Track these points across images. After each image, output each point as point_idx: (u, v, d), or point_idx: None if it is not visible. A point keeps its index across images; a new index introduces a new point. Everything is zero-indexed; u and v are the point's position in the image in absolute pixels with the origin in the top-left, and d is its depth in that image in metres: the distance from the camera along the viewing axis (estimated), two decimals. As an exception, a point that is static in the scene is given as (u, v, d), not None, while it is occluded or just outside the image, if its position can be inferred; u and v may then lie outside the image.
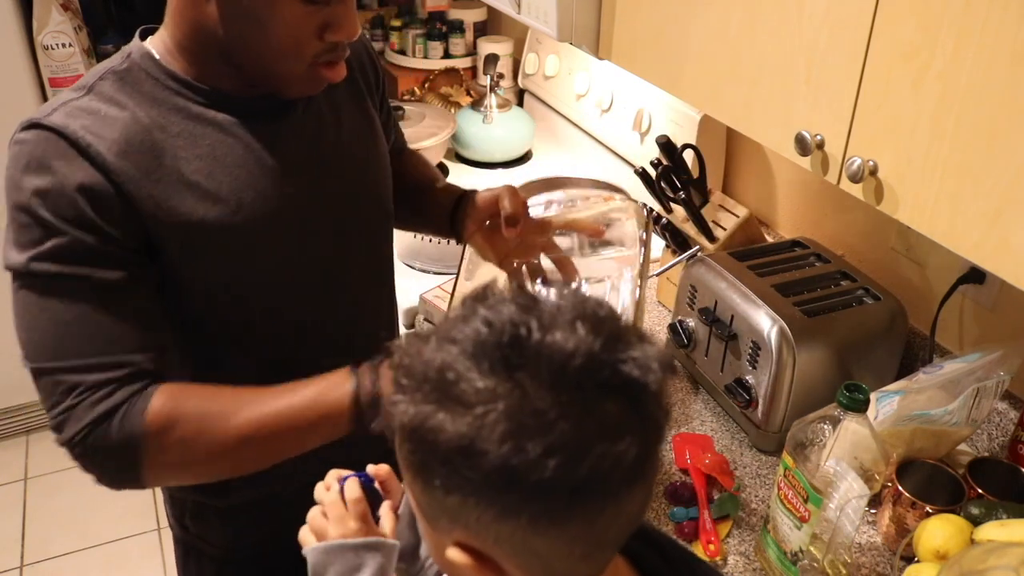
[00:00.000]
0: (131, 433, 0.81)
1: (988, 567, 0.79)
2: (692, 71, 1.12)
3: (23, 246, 0.80)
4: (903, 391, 1.11)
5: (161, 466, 0.83)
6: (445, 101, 2.39)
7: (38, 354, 0.83)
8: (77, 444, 0.81)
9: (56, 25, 2.22)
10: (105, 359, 0.82)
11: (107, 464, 0.83)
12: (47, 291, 0.81)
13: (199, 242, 0.87)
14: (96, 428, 0.80)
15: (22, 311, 0.83)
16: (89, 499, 2.45)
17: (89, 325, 0.82)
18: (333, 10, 0.83)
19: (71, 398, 0.81)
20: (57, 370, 0.82)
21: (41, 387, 0.83)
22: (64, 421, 0.81)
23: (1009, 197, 0.73)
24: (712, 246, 1.39)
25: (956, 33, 0.75)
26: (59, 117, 0.83)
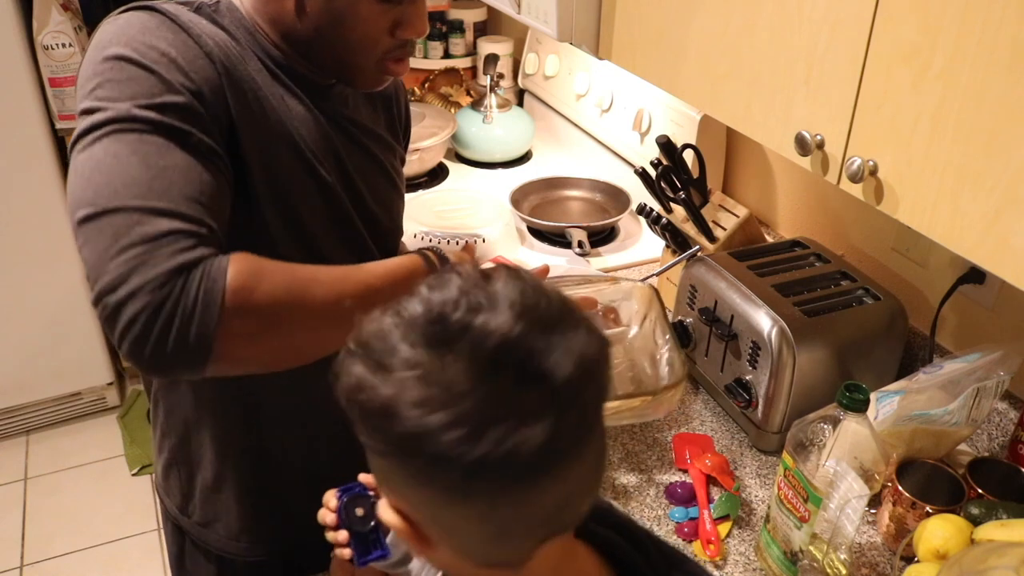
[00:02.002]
0: (213, 288, 0.72)
1: (988, 567, 0.79)
2: (692, 71, 1.12)
3: (125, 97, 0.77)
4: (903, 391, 1.11)
5: (239, 331, 0.74)
6: (445, 101, 2.39)
7: (111, 195, 0.72)
8: (149, 293, 0.70)
9: (56, 25, 2.22)
10: (193, 211, 0.75)
11: (178, 327, 0.71)
12: (145, 137, 0.75)
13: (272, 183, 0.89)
14: (175, 278, 0.71)
15: (102, 158, 0.74)
16: (89, 499, 2.45)
17: (184, 174, 0.76)
18: (405, 9, 0.89)
19: (148, 243, 0.71)
20: (136, 209, 0.72)
21: (102, 231, 0.72)
22: (134, 269, 0.70)
23: (1009, 197, 0.73)
24: (712, 246, 1.39)
25: (956, 33, 0.75)
26: (180, 13, 0.84)
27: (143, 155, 0.74)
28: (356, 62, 0.92)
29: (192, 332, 0.70)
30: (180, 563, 1.17)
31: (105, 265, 0.71)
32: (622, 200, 1.87)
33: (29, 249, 2.39)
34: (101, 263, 0.71)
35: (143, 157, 0.74)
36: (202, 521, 1.09)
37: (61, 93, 2.29)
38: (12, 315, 2.46)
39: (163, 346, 0.70)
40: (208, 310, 0.71)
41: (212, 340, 0.71)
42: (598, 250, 1.78)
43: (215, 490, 1.07)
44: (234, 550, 1.09)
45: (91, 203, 0.73)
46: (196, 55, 0.82)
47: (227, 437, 1.04)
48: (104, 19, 0.85)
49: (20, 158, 2.28)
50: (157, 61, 0.78)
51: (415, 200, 1.86)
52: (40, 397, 2.63)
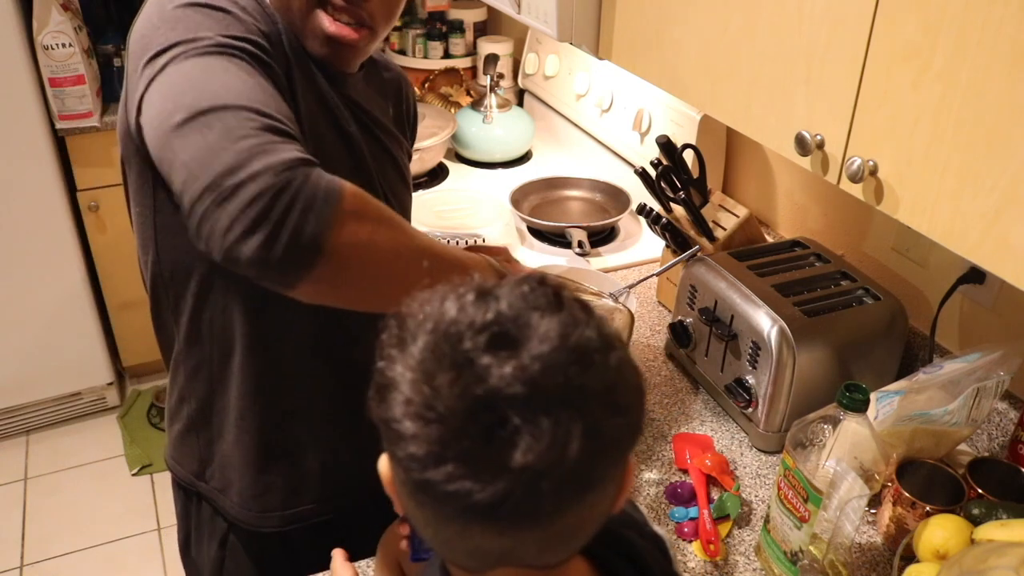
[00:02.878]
0: (333, 186, 0.71)
1: (988, 567, 0.79)
2: (692, 71, 1.12)
3: (207, 29, 0.77)
4: (903, 391, 1.11)
5: (354, 233, 0.73)
6: (445, 101, 2.39)
7: (213, 97, 0.72)
8: (275, 175, 0.68)
9: (56, 25, 2.22)
10: (290, 126, 0.75)
11: (300, 212, 0.69)
12: (234, 59, 0.76)
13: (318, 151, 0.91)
14: (299, 167, 0.70)
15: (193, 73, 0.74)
16: (89, 499, 2.45)
17: (274, 96, 0.76)
18: None
19: (266, 134, 0.71)
20: (245, 108, 0.72)
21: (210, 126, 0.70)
22: (256, 154, 0.69)
23: (1009, 197, 0.73)
24: (712, 246, 1.39)
25: (956, 33, 0.75)
26: None
27: (233, 71, 0.75)
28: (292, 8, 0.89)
29: (311, 222, 0.69)
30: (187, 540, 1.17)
31: (218, 155, 0.68)
32: (622, 200, 1.87)
33: (29, 249, 2.39)
34: (213, 153, 0.69)
35: (237, 72, 0.74)
36: (220, 486, 1.10)
37: (61, 93, 2.29)
38: (12, 315, 2.46)
39: (279, 232, 0.68)
40: (329, 202, 0.70)
41: (328, 235, 0.70)
42: (598, 250, 1.78)
43: (234, 450, 1.08)
44: (245, 518, 1.10)
45: (190, 106, 0.71)
46: (259, 11, 0.85)
47: (255, 395, 1.04)
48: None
49: (20, 158, 2.28)
50: (234, 10, 0.80)
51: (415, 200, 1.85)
52: (40, 397, 2.63)
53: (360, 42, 0.93)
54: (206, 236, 0.70)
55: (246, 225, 0.68)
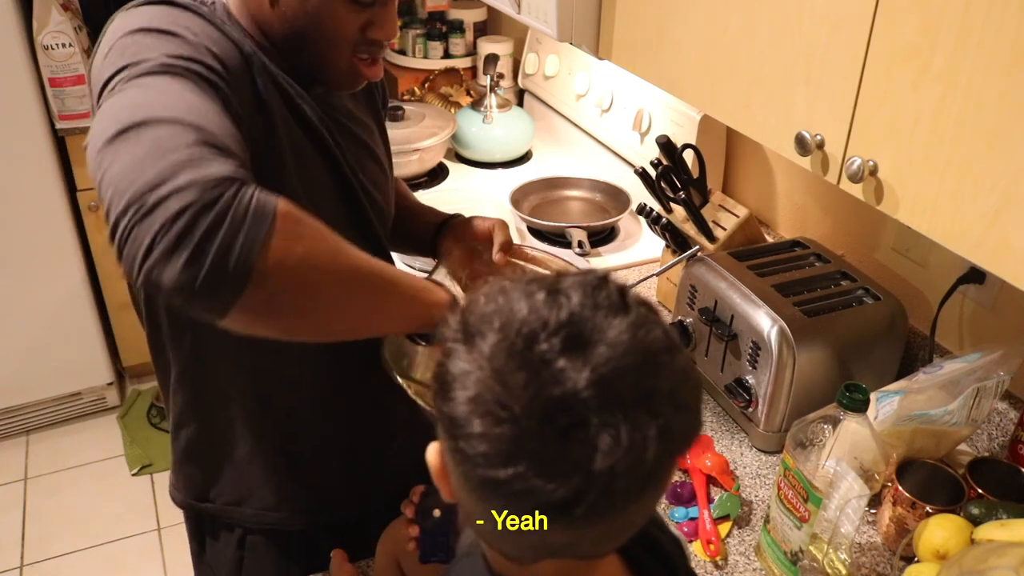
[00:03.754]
0: (266, 204, 0.66)
1: (988, 567, 0.79)
2: (692, 71, 1.12)
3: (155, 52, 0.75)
4: (903, 391, 1.11)
5: (284, 256, 0.67)
6: (445, 101, 2.39)
7: (152, 111, 0.68)
8: (200, 192, 0.63)
9: (56, 25, 2.22)
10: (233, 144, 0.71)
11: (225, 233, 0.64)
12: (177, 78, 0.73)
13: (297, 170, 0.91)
14: (228, 184, 0.65)
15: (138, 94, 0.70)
16: (89, 499, 2.45)
17: (218, 115, 0.73)
18: (376, 11, 0.92)
19: (198, 148, 0.66)
20: (180, 122, 0.67)
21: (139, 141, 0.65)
22: (183, 167, 0.64)
23: (1009, 197, 0.73)
24: (712, 246, 1.39)
25: (956, 33, 0.75)
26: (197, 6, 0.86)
27: (178, 90, 0.72)
28: (329, 60, 0.94)
29: (239, 243, 0.64)
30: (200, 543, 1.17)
31: (143, 169, 0.63)
32: (622, 200, 1.87)
33: (29, 249, 2.39)
34: (137, 168, 0.63)
35: (178, 91, 0.71)
36: (232, 500, 1.10)
37: (61, 93, 2.29)
38: (12, 315, 2.45)
39: (203, 252, 0.62)
40: (259, 223, 0.65)
41: (257, 257, 0.64)
42: (598, 250, 1.78)
43: (248, 464, 1.08)
44: (271, 521, 1.10)
45: (124, 121, 0.67)
46: (220, 38, 0.84)
47: (262, 408, 1.05)
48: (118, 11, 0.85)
49: (20, 158, 2.28)
50: (186, 33, 0.80)
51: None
52: (40, 397, 2.63)
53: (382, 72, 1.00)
54: (128, 258, 0.64)
55: (167, 245, 0.62)
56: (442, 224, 1.18)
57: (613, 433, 0.48)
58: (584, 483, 0.48)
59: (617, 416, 0.48)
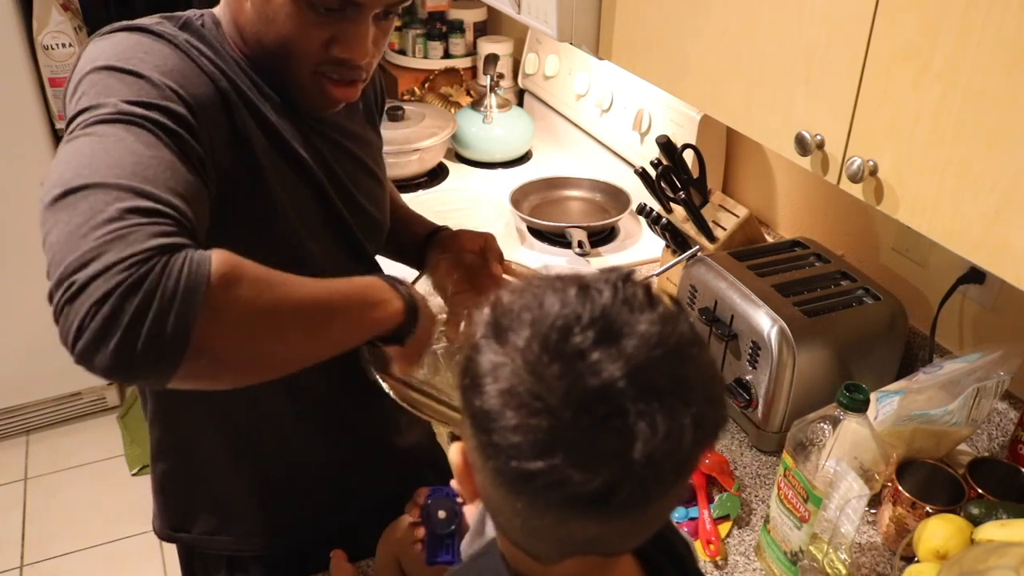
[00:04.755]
0: (198, 272, 0.64)
1: (988, 567, 0.79)
2: (692, 71, 1.12)
3: (114, 95, 0.74)
4: (903, 391, 1.11)
5: (220, 326, 0.66)
6: (445, 101, 2.39)
7: (90, 174, 0.66)
8: (126, 270, 0.62)
9: (56, 25, 2.22)
10: (177, 202, 0.69)
11: (156, 311, 0.62)
12: (132, 128, 0.71)
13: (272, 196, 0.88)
14: (157, 257, 0.63)
15: (83, 144, 0.70)
16: (89, 499, 2.45)
17: (170, 167, 0.71)
18: (345, 25, 0.85)
19: (131, 217, 0.64)
20: (117, 187, 0.66)
21: (76, 208, 0.65)
22: (110, 244, 0.62)
23: (1009, 197, 0.73)
24: (712, 246, 1.39)
25: (956, 33, 0.75)
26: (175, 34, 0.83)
27: (129, 143, 0.70)
28: (291, 74, 0.88)
29: (171, 318, 0.62)
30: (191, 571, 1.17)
31: (75, 243, 0.62)
32: (622, 200, 1.87)
33: (29, 249, 2.38)
34: (70, 241, 0.63)
35: (128, 145, 0.70)
36: (209, 530, 1.09)
37: (61, 93, 2.28)
38: (12, 315, 2.46)
39: (135, 333, 0.61)
40: (191, 295, 0.63)
41: (191, 329, 0.63)
42: (598, 250, 1.78)
43: (226, 495, 1.07)
44: (255, 547, 1.09)
45: (67, 182, 0.66)
46: (193, 73, 0.81)
47: (238, 438, 1.04)
48: (92, 36, 0.84)
49: (20, 158, 2.28)
50: (150, 72, 0.77)
51: (415, 200, 1.86)
52: (40, 397, 2.63)
53: (357, 95, 0.94)
54: (62, 335, 0.63)
55: (96, 330, 0.61)
56: (430, 235, 1.17)
57: (650, 421, 0.49)
58: (621, 472, 0.49)
59: (653, 405, 0.49)
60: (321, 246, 0.96)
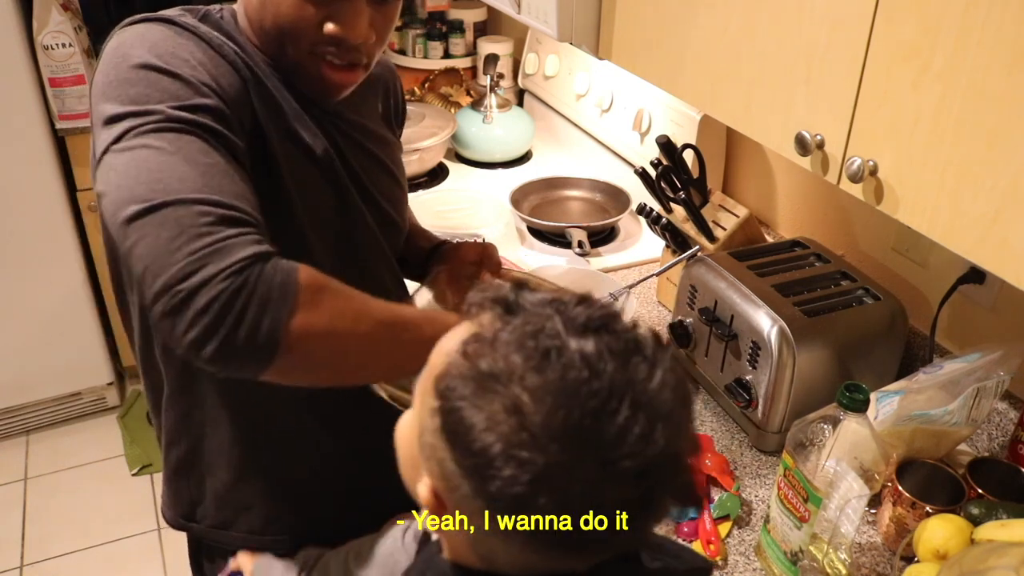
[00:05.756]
0: (289, 277, 0.71)
1: (988, 567, 0.79)
2: (692, 71, 1.12)
3: (156, 100, 0.77)
4: (903, 391, 1.11)
5: (309, 327, 0.72)
6: (445, 101, 2.39)
7: (165, 190, 0.71)
8: (227, 279, 0.69)
9: (56, 25, 2.22)
10: (248, 208, 0.75)
11: (253, 315, 0.69)
12: (183, 137, 0.75)
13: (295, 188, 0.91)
14: (252, 266, 0.70)
15: (145, 156, 0.74)
16: (89, 499, 2.45)
17: (226, 173, 0.76)
18: (338, 5, 0.87)
19: (218, 230, 0.71)
20: (197, 202, 0.71)
21: (163, 224, 0.70)
22: (209, 257, 0.69)
23: (1009, 197, 0.73)
24: (712, 246, 1.39)
25: (956, 33, 0.75)
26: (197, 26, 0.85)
27: (187, 153, 0.74)
28: (290, 57, 0.90)
29: (266, 322, 0.70)
30: (197, 561, 1.17)
31: (171, 256, 0.69)
32: (622, 200, 1.87)
33: (29, 249, 2.39)
34: (166, 255, 0.69)
35: (188, 155, 0.74)
36: (218, 523, 1.09)
37: (61, 93, 2.29)
38: (12, 315, 2.45)
39: (235, 335, 0.69)
40: (283, 301, 0.70)
41: (284, 331, 0.70)
42: (598, 250, 1.78)
43: (236, 488, 1.07)
44: (258, 544, 1.09)
45: (144, 199, 0.71)
46: (219, 64, 0.84)
47: (251, 431, 1.04)
48: (116, 28, 0.85)
49: (20, 158, 2.28)
50: (183, 68, 0.79)
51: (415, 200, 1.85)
52: (40, 397, 2.63)
53: (357, 81, 0.94)
54: (165, 334, 0.71)
55: (201, 331, 0.69)
56: (433, 248, 1.18)
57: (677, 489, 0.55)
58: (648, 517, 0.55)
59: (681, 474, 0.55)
60: (340, 239, 0.97)
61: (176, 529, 1.12)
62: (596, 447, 0.49)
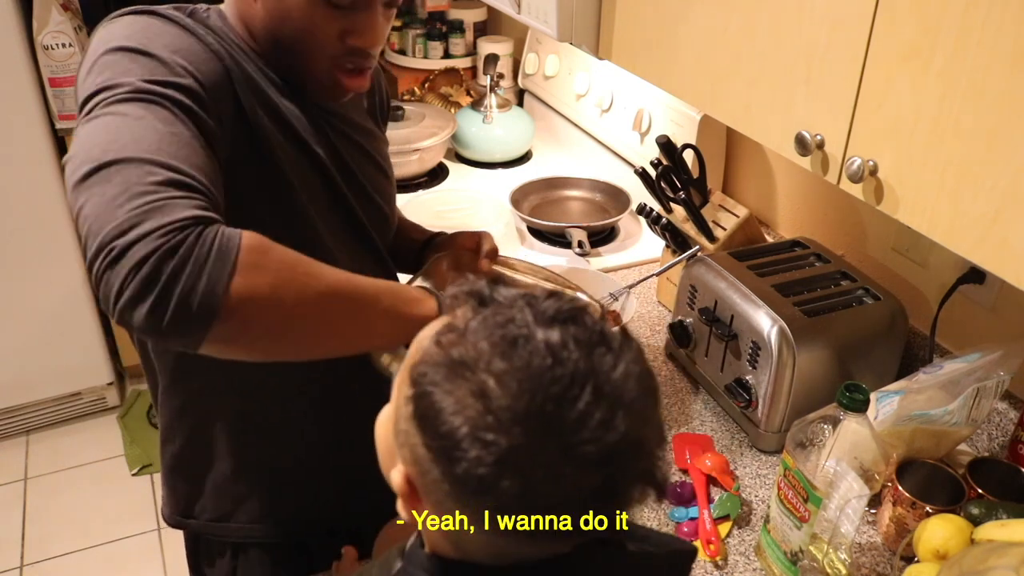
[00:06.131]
0: (229, 244, 0.68)
1: (988, 567, 0.79)
2: (692, 71, 1.12)
3: (132, 74, 0.77)
4: (903, 391, 1.11)
5: (250, 291, 0.69)
6: (445, 101, 2.39)
7: (119, 149, 0.70)
8: (164, 236, 0.66)
9: (56, 25, 2.22)
10: (203, 178, 0.73)
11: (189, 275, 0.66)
12: (151, 106, 0.74)
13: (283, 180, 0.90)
14: (192, 227, 0.67)
15: (107, 122, 0.73)
16: (89, 499, 2.45)
17: (190, 144, 0.74)
18: (357, 16, 0.89)
19: (164, 189, 0.68)
20: (148, 161, 0.69)
21: (110, 180, 0.68)
22: (149, 213, 0.66)
23: (1009, 197, 0.73)
24: (712, 246, 1.39)
25: (956, 32, 0.75)
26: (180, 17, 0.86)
27: (150, 120, 0.73)
28: (308, 69, 0.92)
29: (202, 284, 0.66)
30: (196, 561, 1.17)
31: (114, 212, 0.67)
32: (622, 200, 1.87)
33: (29, 249, 2.39)
34: (108, 211, 0.67)
35: (150, 122, 0.73)
36: (216, 516, 1.09)
37: (61, 93, 2.29)
38: (12, 315, 2.45)
39: (168, 295, 0.65)
40: (222, 262, 0.67)
41: (221, 295, 0.67)
42: (598, 250, 1.78)
43: (234, 479, 1.07)
44: (259, 534, 1.10)
45: (96, 159, 0.69)
46: (200, 51, 0.84)
47: (246, 423, 1.04)
48: (102, 21, 0.86)
49: (20, 158, 2.28)
50: (161, 50, 0.80)
51: (415, 200, 1.86)
52: (40, 397, 2.63)
53: (368, 84, 0.97)
54: (103, 299, 0.68)
55: (135, 290, 0.65)
56: (427, 241, 1.18)
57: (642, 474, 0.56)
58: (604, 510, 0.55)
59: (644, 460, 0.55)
60: (331, 231, 0.98)
61: (175, 527, 1.12)
62: (558, 432, 0.51)
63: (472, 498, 0.53)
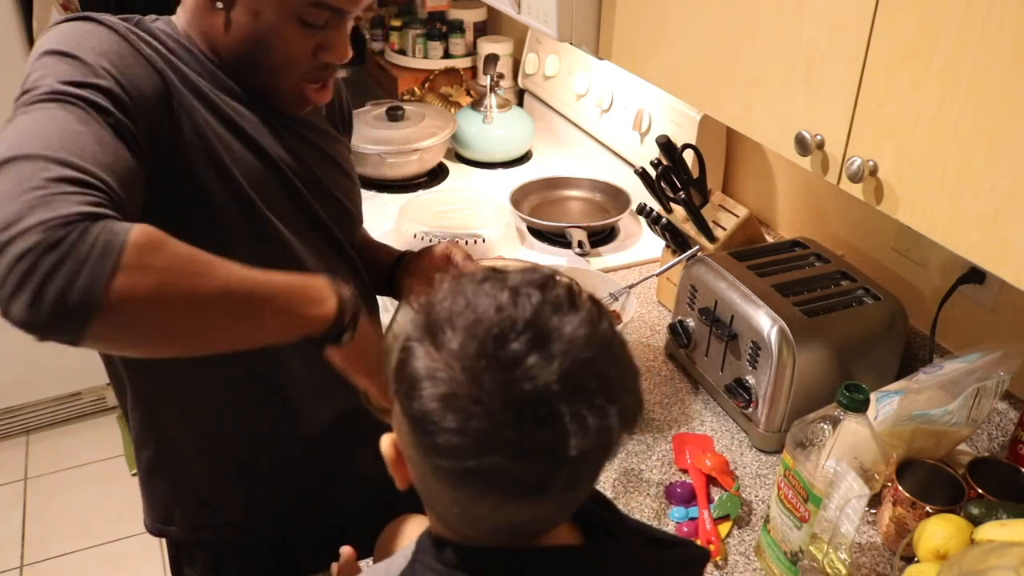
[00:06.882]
0: (113, 240, 0.67)
1: (988, 567, 0.79)
2: (692, 71, 1.12)
3: (52, 76, 0.77)
4: (903, 391, 1.11)
5: (132, 290, 0.67)
6: (445, 101, 2.39)
7: (24, 145, 0.70)
8: (46, 231, 0.65)
9: (56, 25, 2.22)
10: (104, 174, 0.72)
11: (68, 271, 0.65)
12: (65, 106, 0.75)
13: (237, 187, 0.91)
14: (76, 223, 0.66)
15: (19, 123, 0.73)
16: (89, 499, 2.45)
17: (98, 141, 0.74)
18: (328, 33, 0.91)
19: (56, 185, 0.67)
20: (45, 158, 0.69)
21: (5, 177, 0.68)
22: (33, 208, 0.65)
23: (1009, 197, 0.73)
24: (712, 246, 1.39)
25: (956, 33, 0.75)
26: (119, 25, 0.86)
27: (61, 120, 0.73)
28: (277, 83, 0.94)
29: (81, 280, 0.65)
30: (176, 565, 1.17)
31: (2, 207, 0.66)
32: (622, 200, 1.87)
33: (29, 249, 2.39)
34: (16, 196, 0.66)
35: (61, 121, 0.73)
36: (194, 521, 1.09)
37: (61, 93, 2.29)
38: (12, 315, 2.45)
39: (44, 290, 0.64)
40: (103, 259, 0.66)
41: (101, 293, 0.65)
42: (598, 250, 1.78)
43: (208, 483, 1.07)
44: (236, 534, 1.10)
45: (8, 150, 0.69)
46: (130, 55, 0.84)
47: (217, 425, 1.04)
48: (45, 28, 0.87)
49: (20, 158, 2.28)
50: (86, 53, 0.80)
51: (415, 200, 1.86)
52: (40, 397, 2.63)
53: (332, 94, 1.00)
54: None
55: (13, 284, 0.64)
56: (396, 262, 1.17)
57: (581, 421, 0.53)
58: (556, 467, 0.54)
59: (584, 405, 0.54)
60: (293, 231, 0.98)
61: (156, 535, 1.12)
62: (495, 368, 0.53)
63: (425, 439, 0.55)
